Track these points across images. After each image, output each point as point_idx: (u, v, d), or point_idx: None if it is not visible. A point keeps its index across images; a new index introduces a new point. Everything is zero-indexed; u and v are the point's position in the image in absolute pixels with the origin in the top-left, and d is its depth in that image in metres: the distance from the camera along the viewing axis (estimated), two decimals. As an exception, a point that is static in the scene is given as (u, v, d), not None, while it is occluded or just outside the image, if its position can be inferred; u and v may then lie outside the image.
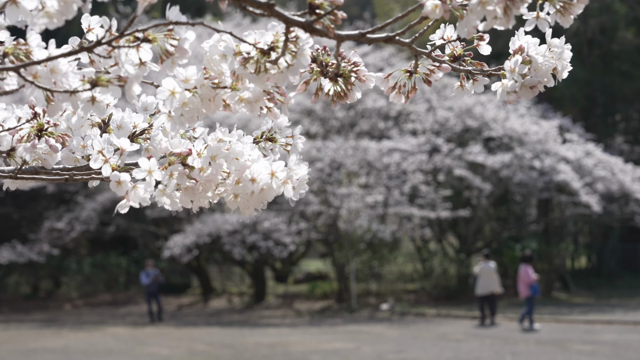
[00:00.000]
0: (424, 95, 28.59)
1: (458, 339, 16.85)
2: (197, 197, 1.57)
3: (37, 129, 1.69)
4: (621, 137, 37.54)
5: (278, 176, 1.57)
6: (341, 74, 1.59)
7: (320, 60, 1.58)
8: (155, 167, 1.50)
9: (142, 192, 1.51)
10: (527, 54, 1.61)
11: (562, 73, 1.64)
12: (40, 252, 29.20)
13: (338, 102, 1.63)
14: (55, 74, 1.39)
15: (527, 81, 1.60)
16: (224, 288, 33.40)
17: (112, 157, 1.55)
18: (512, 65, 1.61)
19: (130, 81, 1.42)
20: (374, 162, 26.03)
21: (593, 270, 35.02)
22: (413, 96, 1.70)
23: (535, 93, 1.61)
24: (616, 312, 21.86)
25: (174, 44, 1.42)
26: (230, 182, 1.58)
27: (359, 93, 1.62)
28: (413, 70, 1.67)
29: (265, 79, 1.45)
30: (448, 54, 1.68)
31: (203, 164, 1.53)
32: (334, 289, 28.71)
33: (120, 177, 1.49)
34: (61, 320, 25.15)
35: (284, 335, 18.48)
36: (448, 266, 29.74)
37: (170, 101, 1.51)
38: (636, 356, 13.51)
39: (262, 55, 1.43)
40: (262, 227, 25.52)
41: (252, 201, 1.58)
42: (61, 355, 15.55)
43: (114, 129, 1.75)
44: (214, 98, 1.51)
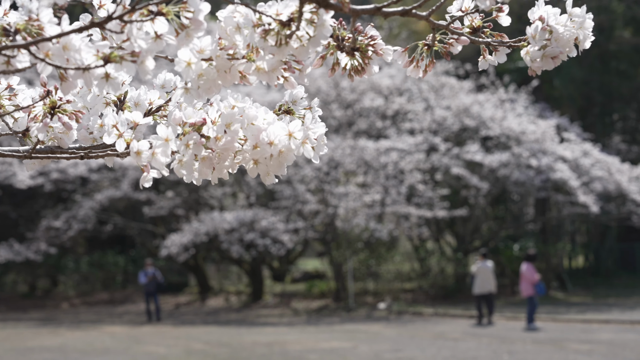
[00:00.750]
0: (421, 94, 28.61)
1: (455, 338, 16.86)
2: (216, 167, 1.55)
3: (50, 106, 1.68)
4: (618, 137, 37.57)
5: (296, 136, 1.54)
6: (358, 48, 1.57)
7: (337, 35, 1.56)
8: (172, 135, 1.48)
9: (162, 158, 1.49)
10: (547, 24, 1.58)
11: (584, 43, 1.61)
12: (38, 250, 29.19)
13: (355, 76, 1.59)
14: (67, 51, 1.37)
15: (548, 51, 1.58)
16: (222, 287, 33.40)
17: (127, 131, 1.54)
18: (533, 31, 1.58)
19: (142, 56, 1.40)
20: (371, 161, 26.04)
21: (590, 269, 35.04)
22: (431, 70, 1.68)
23: (557, 63, 1.59)
24: (613, 311, 21.88)
25: (188, 16, 1.40)
26: (248, 147, 1.55)
27: (376, 67, 1.60)
28: (431, 43, 1.64)
29: (287, 51, 1.43)
30: (467, 26, 1.65)
31: (218, 133, 1.51)
32: (331, 288, 28.72)
33: (139, 146, 1.48)
34: (58, 319, 25.14)
35: (282, 334, 18.48)
36: (445, 265, 29.76)
37: (187, 72, 1.49)
38: (633, 355, 13.53)
39: (282, 27, 1.42)
40: (259, 225, 25.53)
41: (272, 166, 1.56)
42: (58, 354, 15.54)
43: (130, 106, 1.73)
44: (230, 69, 1.49)
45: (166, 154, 1.48)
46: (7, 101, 1.72)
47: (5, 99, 1.73)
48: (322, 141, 1.59)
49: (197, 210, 29.47)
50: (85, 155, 1.69)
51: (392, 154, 26.09)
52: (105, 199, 27.53)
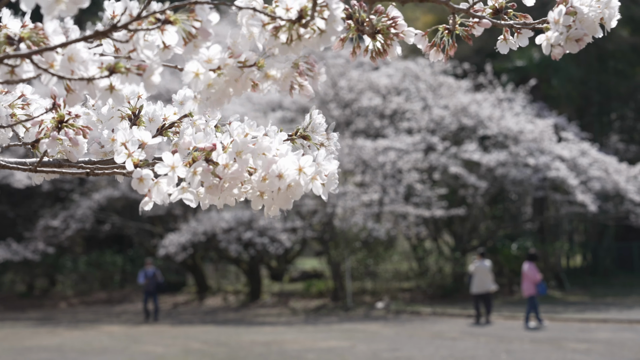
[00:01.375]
0: (419, 93, 28.61)
1: (453, 337, 16.87)
2: (222, 194, 1.50)
3: (58, 120, 1.65)
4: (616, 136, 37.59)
5: (306, 172, 1.50)
6: (379, 30, 1.52)
7: (357, 17, 1.51)
8: (179, 162, 1.44)
9: (165, 188, 1.45)
10: (571, 4, 1.53)
11: (610, 22, 1.57)
12: (36, 250, 29.19)
13: (377, 58, 1.56)
14: (73, 62, 1.33)
15: (572, 33, 1.52)
16: (220, 286, 33.40)
17: (136, 150, 1.50)
18: (556, 16, 1.53)
19: (149, 70, 1.36)
20: (369, 161, 26.04)
21: (588, 268, 35.06)
22: (452, 54, 1.64)
23: (582, 46, 1.53)
24: (611, 310, 21.89)
25: (196, 25, 1.36)
26: (257, 178, 1.50)
27: (399, 48, 1.55)
28: (452, 27, 1.61)
29: (300, 47, 1.39)
30: (489, 7, 1.62)
31: (228, 160, 1.46)
32: (329, 288, 28.72)
33: (142, 173, 1.44)
34: (56, 318, 25.13)
35: (280, 334, 18.49)
36: (443, 265, 29.77)
37: (195, 84, 1.43)
38: (631, 354, 13.54)
39: (292, 24, 1.38)
40: (257, 224, 25.53)
41: (279, 199, 1.50)
42: (56, 354, 15.53)
43: (145, 122, 1.71)
44: (240, 77, 1.43)
45: (171, 183, 1.45)
46: (20, 110, 1.71)
47: (18, 108, 1.71)
48: (333, 178, 1.54)
49: (195, 209, 29.44)
50: (91, 172, 1.67)
51: (390, 154, 26.10)
52: (103, 198, 27.53)
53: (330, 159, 1.54)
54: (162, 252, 26.33)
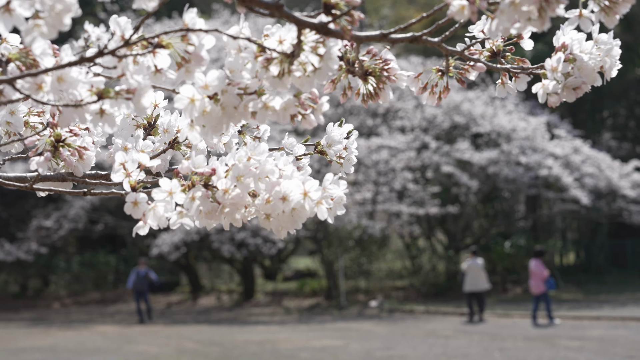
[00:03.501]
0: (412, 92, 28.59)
1: (447, 335, 16.88)
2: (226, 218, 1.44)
3: (55, 139, 1.61)
4: (609, 134, 37.67)
5: (312, 197, 1.45)
6: (371, 72, 1.49)
7: (347, 58, 1.46)
8: (177, 188, 1.38)
9: (162, 212, 1.40)
10: (570, 52, 1.50)
11: (610, 71, 1.53)
12: (29, 250, 29.16)
13: (369, 101, 1.53)
14: (63, 83, 1.29)
15: (569, 82, 1.49)
16: (213, 286, 33.40)
17: (135, 170, 1.44)
18: (554, 63, 1.49)
19: (138, 94, 1.32)
20: (362, 159, 26.05)
21: (581, 266, 35.11)
22: (446, 97, 1.61)
23: (579, 95, 1.50)
24: (604, 308, 21.93)
25: (189, 50, 1.32)
26: (260, 201, 1.45)
27: (390, 92, 1.51)
28: (445, 69, 1.58)
29: (288, 82, 1.34)
30: (487, 49, 1.59)
31: (228, 185, 1.41)
32: (322, 287, 28.73)
33: (137, 197, 1.39)
34: (50, 318, 25.10)
35: (273, 333, 18.48)
36: (437, 263, 29.79)
37: (190, 110, 1.37)
38: (624, 352, 13.55)
39: (286, 57, 1.33)
40: (250, 224, 25.51)
41: (284, 221, 1.46)
42: (49, 354, 15.51)
43: (160, 132, 1.67)
44: (239, 106, 1.37)
45: (169, 209, 1.40)
46: (37, 117, 1.68)
47: (34, 115, 1.68)
48: (341, 202, 1.49)
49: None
50: (88, 192, 1.65)
51: (383, 152, 26.11)
52: (96, 198, 27.46)
53: (338, 182, 1.49)
54: (156, 251, 26.30)
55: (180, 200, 1.40)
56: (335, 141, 1.66)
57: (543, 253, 19.59)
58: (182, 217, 1.42)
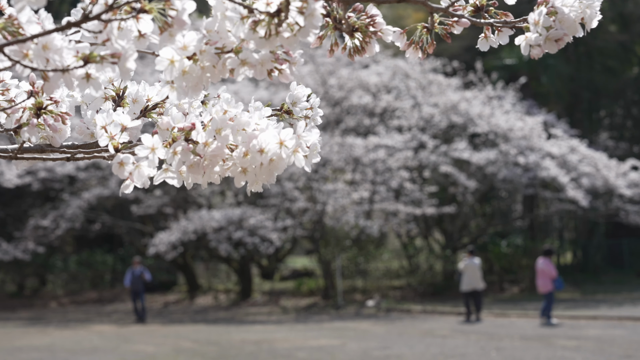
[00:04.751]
0: (409, 91, 28.63)
1: (444, 335, 16.89)
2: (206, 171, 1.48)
3: (37, 107, 1.63)
4: (606, 133, 37.71)
5: (287, 145, 1.49)
6: (357, 28, 1.51)
7: (335, 15, 1.50)
8: (159, 144, 1.43)
9: (146, 171, 1.44)
10: (552, 5, 1.52)
11: (590, 22, 1.54)
12: (26, 250, 29.13)
13: (356, 55, 1.54)
14: (47, 51, 1.31)
15: (551, 34, 1.51)
16: (210, 285, 33.38)
17: (118, 133, 1.48)
18: (536, 17, 1.51)
19: (123, 57, 1.34)
20: (360, 159, 26.05)
21: (578, 266, 35.14)
22: (431, 52, 1.62)
23: (561, 46, 1.52)
24: (601, 307, 21.95)
25: (172, 14, 1.34)
26: (238, 154, 1.49)
27: (377, 46, 1.54)
28: (430, 26, 1.60)
29: (277, 42, 1.37)
30: (471, 4, 1.60)
31: (207, 138, 1.45)
32: (320, 286, 28.73)
33: (122, 158, 1.43)
34: (47, 318, 25.09)
35: (270, 332, 18.49)
36: (434, 262, 29.81)
37: (170, 71, 1.42)
38: (621, 351, 13.57)
39: (271, 17, 1.36)
40: (248, 223, 25.52)
41: (262, 174, 1.50)
42: (47, 354, 15.51)
43: (129, 103, 1.68)
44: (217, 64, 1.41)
45: (152, 165, 1.44)
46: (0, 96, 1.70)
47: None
48: (315, 149, 1.54)
49: (185, 208, 29.43)
50: (72, 157, 1.65)
51: (380, 151, 26.11)
52: (93, 197, 27.46)
53: (311, 129, 1.55)
54: (153, 251, 26.29)
55: (163, 156, 1.44)
56: (300, 99, 1.67)
57: (552, 252, 19.53)
58: (166, 172, 1.47)
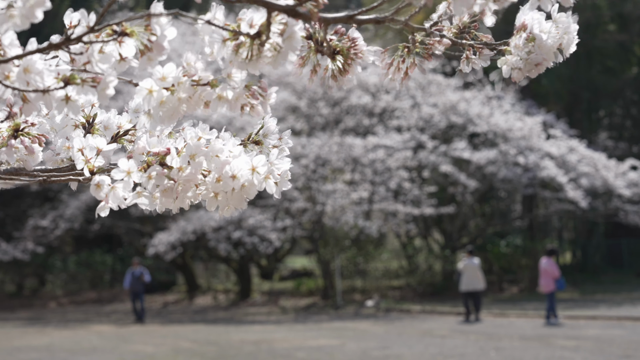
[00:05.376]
0: (408, 91, 28.63)
1: (443, 335, 16.88)
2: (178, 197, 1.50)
3: (13, 129, 1.63)
4: (605, 133, 37.71)
5: (259, 171, 1.51)
6: (339, 51, 1.53)
7: (316, 38, 1.51)
8: (134, 168, 1.45)
9: (121, 193, 1.46)
10: (530, 31, 1.56)
11: (568, 48, 1.59)
12: (25, 250, 29.14)
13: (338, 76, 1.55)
14: (28, 73, 1.32)
15: (531, 58, 1.55)
16: (209, 285, 33.39)
17: (93, 157, 1.50)
18: (517, 41, 1.56)
19: (103, 82, 1.36)
20: (359, 159, 26.05)
21: (578, 266, 35.14)
22: (412, 72, 1.63)
23: (540, 71, 1.56)
24: (600, 307, 21.94)
25: (152, 39, 1.36)
26: (211, 180, 1.51)
27: (359, 67, 1.55)
28: (411, 46, 1.61)
29: (259, 64, 1.39)
30: (454, 26, 1.62)
31: (182, 163, 1.47)
32: (319, 286, 28.73)
33: (99, 180, 1.45)
34: (46, 318, 25.09)
35: (269, 332, 18.48)
36: (433, 262, 29.81)
37: (148, 100, 1.44)
38: (620, 351, 13.56)
39: (252, 39, 1.38)
40: (247, 223, 25.51)
41: (233, 199, 1.52)
42: (46, 354, 15.50)
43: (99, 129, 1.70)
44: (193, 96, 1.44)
45: (127, 188, 1.47)
46: None
47: None
48: (286, 177, 1.56)
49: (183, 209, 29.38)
50: (46, 180, 1.67)
51: (379, 151, 26.11)
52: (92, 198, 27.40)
53: (283, 158, 1.56)
54: (152, 251, 26.29)
55: (138, 179, 1.46)
56: (271, 131, 1.69)
57: (555, 252, 19.54)
58: (140, 196, 1.49)
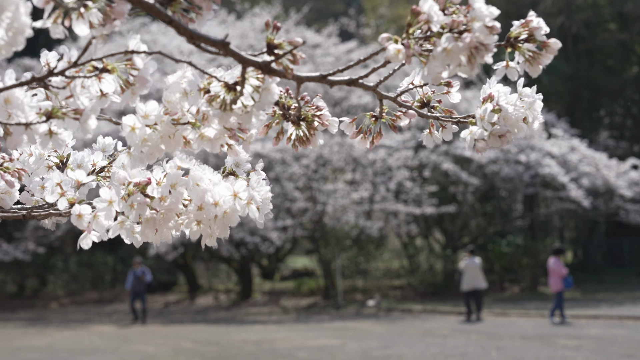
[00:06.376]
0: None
1: (444, 334, 16.88)
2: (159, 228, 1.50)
3: None
4: (606, 133, 37.69)
5: (241, 197, 1.51)
6: (304, 117, 1.55)
7: (283, 103, 1.54)
8: (116, 197, 1.45)
9: (104, 222, 1.46)
10: (497, 102, 1.58)
11: (533, 124, 1.60)
12: (26, 250, 29.15)
13: (300, 146, 1.58)
14: (9, 105, 1.32)
15: (495, 130, 1.56)
16: (211, 285, 33.39)
17: (69, 190, 1.51)
18: (482, 113, 1.58)
19: (85, 114, 1.36)
20: (359, 159, 26.06)
21: (579, 265, 35.12)
22: (378, 142, 1.66)
23: (505, 143, 1.56)
24: (602, 306, 21.93)
25: (134, 74, 1.36)
26: (192, 208, 1.51)
27: (321, 140, 1.58)
28: (379, 115, 1.63)
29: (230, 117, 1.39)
30: (417, 100, 1.65)
31: (163, 193, 1.47)
32: (320, 286, 28.72)
33: (80, 209, 1.45)
34: (47, 318, 25.09)
35: (270, 332, 18.48)
36: (434, 262, 29.81)
37: (131, 137, 1.45)
38: (621, 350, 13.56)
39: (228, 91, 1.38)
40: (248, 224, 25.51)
41: (216, 226, 1.52)
42: (47, 354, 15.50)
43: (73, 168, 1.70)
44: (174, 135, 1.45)
45: (110, 217, 1.46)
46: None
47: None
48: (268, 202, 1.56)
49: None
50: (28, 215, 1.67)
51: (380, 151, 26.12)
52: (93, 198, 27.47)
53: (262, 182, 1.56)
54: (153, 251, 26.29)
55: (120, 209, 1.46)
56: (243, 161, 1.68)
57: (562, 251, 19.59)
58: (122, 226, 1.48)
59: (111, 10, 1.28)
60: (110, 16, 1.28)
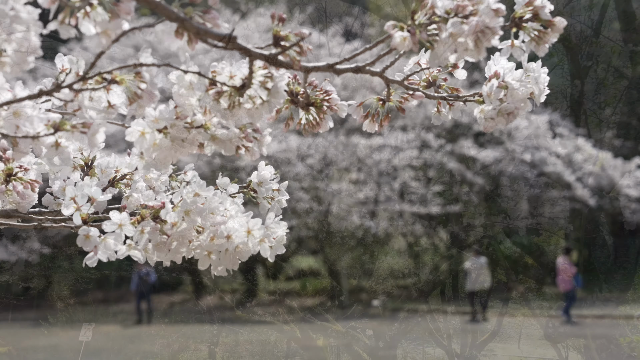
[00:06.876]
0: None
1: (450, 334, 16.86)
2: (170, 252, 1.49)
3: (7, 173, 1.65)
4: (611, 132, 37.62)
5: (254, 234, 1.51)
6: (313, 103, 1.56)
7: (291, 90, 1.54)
8: (127, 221, 1.44)
9: (113, 245, 1.44)
10: (502, 79, 1.58)
11: (539, 97, 1.61)
12: (31, 250, 29.17)
13: (310, 131, 1.59)
14: (18, 117, 1.33)
15: (503, 107, 1.57)
16: (216, 285, 33.40)
17: (85, 205, 1.48)
18: (488, 90, 1.59)
19: (93, 128, 1.37)
20: (364, 159, 26.03)
21: (584, 265, 35.05)
22: (387, 124, 1.68)
23: (512, 120, 1.63)
24: (607, 306, 21.90)
25: (142, 87, 1.36)
26: (205, 238, 1.51)
27: (331, 122, 1.59)
28: (386, 98, 1.64)
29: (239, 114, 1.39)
30: (423, 80, 1.66)
31: (176, 219, 1.46)
32: (325, 286, 28.72)
33: (89, 231, 1.44)
34: (52, 318, 25.10)
35: (276, 332, 18.47)
36: (439, 262, 29.78)
37: (141, 143, 1.44)
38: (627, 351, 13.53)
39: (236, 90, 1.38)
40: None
41: (226, 259, 1.51)
42: (52, 354, 15.51)
43: (97, 173, 1.72)
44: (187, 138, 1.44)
45: (119, 240, 1.44)
46: None
47: None
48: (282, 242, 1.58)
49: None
50: (39, 225, 1.67)
51: (384, 151, 26.10)
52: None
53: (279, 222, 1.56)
54: (158, 251, 26.30)
55: (130, 233, 1.45)
56: (267, 180, 1.69)
57: (570, 250, 19.61)
58: (131, 249, 1.47)
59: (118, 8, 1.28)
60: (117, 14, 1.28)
